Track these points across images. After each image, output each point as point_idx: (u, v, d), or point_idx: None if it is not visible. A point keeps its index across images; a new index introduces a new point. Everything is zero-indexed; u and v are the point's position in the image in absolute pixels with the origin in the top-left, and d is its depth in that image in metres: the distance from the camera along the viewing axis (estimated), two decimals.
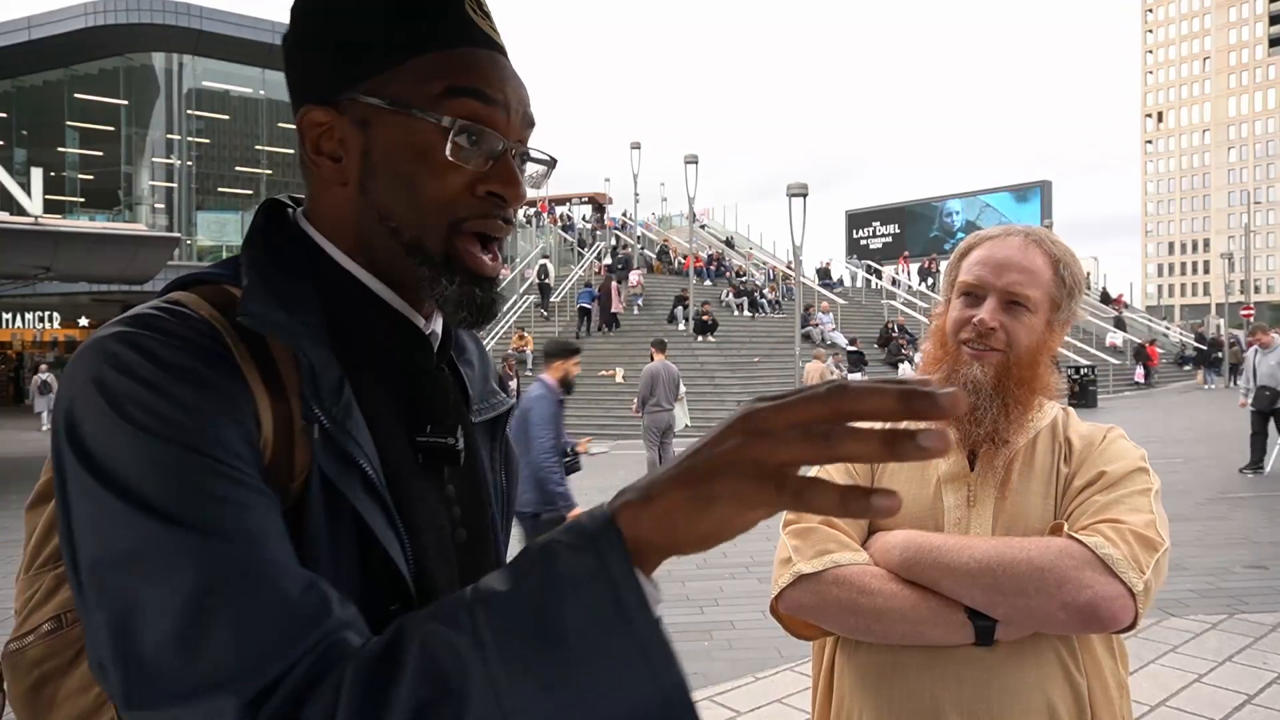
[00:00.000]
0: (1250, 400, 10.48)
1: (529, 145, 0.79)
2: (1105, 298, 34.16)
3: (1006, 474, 1.29)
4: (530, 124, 0.78)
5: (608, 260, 25.57)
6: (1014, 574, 1.12)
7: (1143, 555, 1.12)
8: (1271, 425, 10.23)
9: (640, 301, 23.66)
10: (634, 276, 24.60)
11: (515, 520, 0.96)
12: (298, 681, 0.55)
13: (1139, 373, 25.20)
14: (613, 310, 21.16)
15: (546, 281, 23.65)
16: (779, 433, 0.49)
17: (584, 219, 36.34)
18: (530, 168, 0.80)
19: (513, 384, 13.95)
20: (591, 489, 9.99)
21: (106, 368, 0.62)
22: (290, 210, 0.81)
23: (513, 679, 0.52)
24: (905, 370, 18.84)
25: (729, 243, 37.51)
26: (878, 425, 0.48)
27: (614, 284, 21.95)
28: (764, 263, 33.94)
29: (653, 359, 10.97)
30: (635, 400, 11.09)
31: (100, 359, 0.63)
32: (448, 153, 0.72)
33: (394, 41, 0.73)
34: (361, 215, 0.75)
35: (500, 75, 0.76)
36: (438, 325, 0.83)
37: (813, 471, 1.37)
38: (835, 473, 1.37)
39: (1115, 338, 27.15)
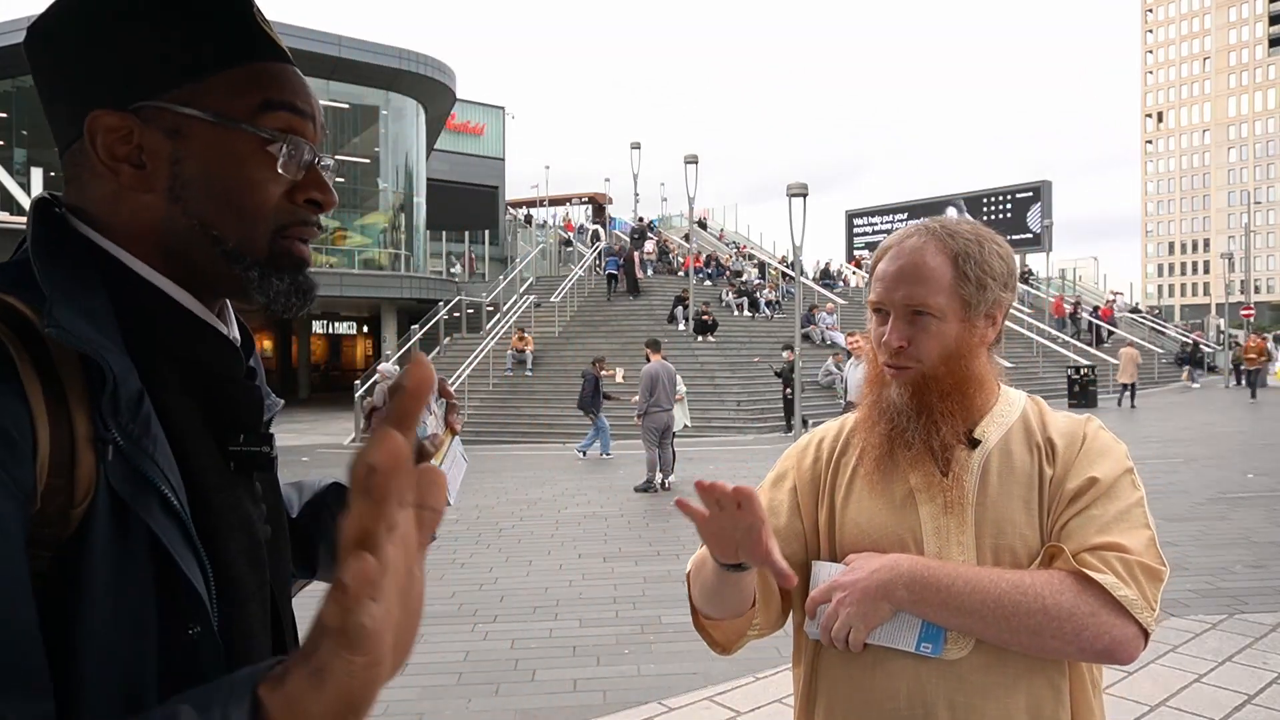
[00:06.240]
0: None
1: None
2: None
3: (984, 476, 1.23)
4: (324, 131, 0.82)
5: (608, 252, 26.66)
6: (1030, 622, 1.11)
7: (1150, 590, 1.12)
8: None
9: (652, 268, 27.28)
10: (649, 244, 28.80)
11: None
12: None
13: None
14: (636, 275, 24.42)
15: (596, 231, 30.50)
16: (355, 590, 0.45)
17: (586, 217, 36.64)
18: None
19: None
20: (591, 488, 9.94)
21: None
22: (58, 210, 0.75)
23: None
24: None
25: (701, 224, 37.35)
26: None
27: (634, 252, 25.25)
28: (732, 243, 33.74)
29: (649, 360, 10.89)
30: (639, 401, 10.77)
31: None
32: (279, 166, 0.75)
33: (202, 54, 0.74)
34: (173, 223, 0.74)
35: (304, 88, 0.79)
36: (235, 330, 0.83)
37: (767, 486, 1.33)
38: (804, 495, 1.35)
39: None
